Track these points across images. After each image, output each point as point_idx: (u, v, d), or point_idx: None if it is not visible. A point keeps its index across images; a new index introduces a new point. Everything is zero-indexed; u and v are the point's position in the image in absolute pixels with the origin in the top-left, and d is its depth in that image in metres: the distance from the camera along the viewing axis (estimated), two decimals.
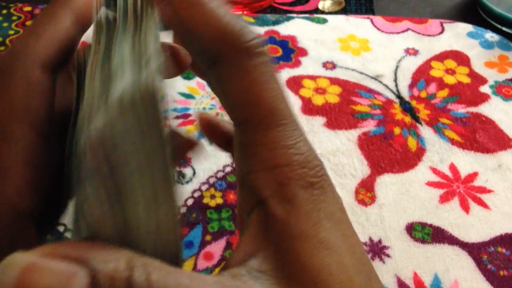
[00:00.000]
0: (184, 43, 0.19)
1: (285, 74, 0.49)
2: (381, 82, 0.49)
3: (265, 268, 0.17)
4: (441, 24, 0.56)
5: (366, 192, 0.39)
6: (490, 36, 0.54)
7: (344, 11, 0.59)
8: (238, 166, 0.19)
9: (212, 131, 0.25)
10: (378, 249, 0.36)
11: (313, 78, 0.49)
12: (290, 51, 0.52)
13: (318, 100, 0.47)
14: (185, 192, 0.39)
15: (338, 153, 0.42)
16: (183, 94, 0.47)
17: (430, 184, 0.40)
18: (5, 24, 0.53)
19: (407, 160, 0.42)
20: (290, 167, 0.18)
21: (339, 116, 0.45)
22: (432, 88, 0.48)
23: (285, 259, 0.17)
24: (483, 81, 0.49)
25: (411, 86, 0.49)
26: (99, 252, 0.15)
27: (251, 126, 0.18)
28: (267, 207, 0.18)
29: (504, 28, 0.56)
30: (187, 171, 0.40)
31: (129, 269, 0.15)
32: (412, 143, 0.43)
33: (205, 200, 0.38)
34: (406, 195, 0.39)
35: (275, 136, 0.18)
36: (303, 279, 0.16)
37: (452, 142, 0.43)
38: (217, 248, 0.36)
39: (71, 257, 0.14)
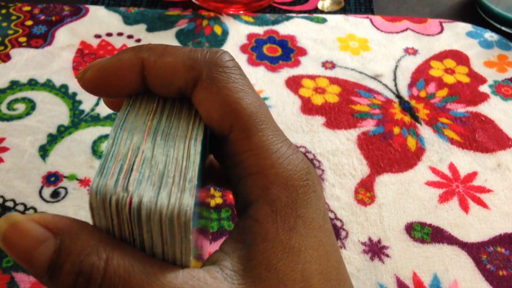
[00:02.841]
0: (160, 88, 0.20)
1: (284, 73, 0.49)
2: (380, 82, 0.49)
3: (237, 268, 0.17)
4: (441, 23, 0.56)
5: (365, 192, 0.39)
6: (490, 35, 0.54)
7: (343, 10, 0.59)
8: (230, 178, 0.20)
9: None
10: (377, 249, 0.36)
11: (312, 77, 0.49)
12: (289, 50, 0.52)
13: (318, 99, 0.46)
14: None
15: (337, 153, 0.42)
16: None
17: (430, 184, 0.40)
18: (4, 24, 0.53)
19: (406, 159, 0.42)
20: (274, 171, 0.18)
21: (338, 115, 0.45)
22: (431, 87, 0.48)
23: (256, 260, 0.17)
24: (483, 80, 0.49)
25: (410, 86, 0.48)
26: (77, 230, 0.16)
27: (235, 135, 0.19)
28: (249, 210, 0.18)
29: (503, 28, 0.56)
30: None
31: (92, 250, 0.16)
32: (411, 142, 0.43)
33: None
34: (406, 195, 0.39)
35: (258, 142, 0.18)
36: (267, 281, 0.17)
37: (452, 141, 0.43)
38: (216, 248, 0.36)
39: (50, 226, 0.16)
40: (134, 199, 0.16)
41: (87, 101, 0.45)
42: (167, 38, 0.52)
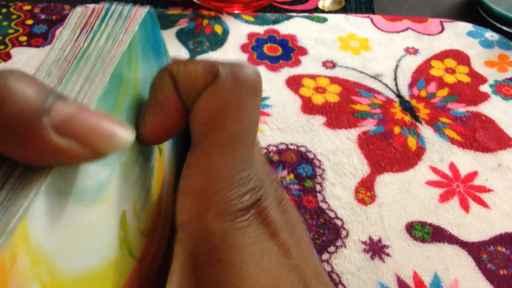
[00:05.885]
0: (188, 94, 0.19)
1: (284, 73, 0.49)
2: (381, 81, 0.49)
3: None
4: (441, 23, 0.56)
5: (366, 191, 0.39)
6: (490, 35, 0.54)
7: (344, 10, 0.59)
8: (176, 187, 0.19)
9: None
10: (378, 248, 0.36)
11: (313, 77, 0.49)
12: (290, 50, 0.52)
13: (318, 99, 0.46)
14: None
15: (338, 152, 0.42)
16: None
17: (430, 183, 0.40)
18: (5, 23, 0.53)
19: (407, 159, 0.42)
20: (216, 196, 0.17)
21: (339, 115, 0.45)
22: (432, 87, 0.48)
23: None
24: (483, 80, 0.49)
25: (411, 85, 0.48)
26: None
27: (201, 148, 0.18)
28: (179, 233, 0.17)
29: (504, 27, 0.56)
30: None
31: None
32: (412, 142, 0.43)
33: None
34: (406, 194, 0.39)
35: (217, 162, 0.17)
36: None
37: (452, 141, 0.43)
38: None
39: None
40: None
41: None
42: (167, 37, 0.52)
